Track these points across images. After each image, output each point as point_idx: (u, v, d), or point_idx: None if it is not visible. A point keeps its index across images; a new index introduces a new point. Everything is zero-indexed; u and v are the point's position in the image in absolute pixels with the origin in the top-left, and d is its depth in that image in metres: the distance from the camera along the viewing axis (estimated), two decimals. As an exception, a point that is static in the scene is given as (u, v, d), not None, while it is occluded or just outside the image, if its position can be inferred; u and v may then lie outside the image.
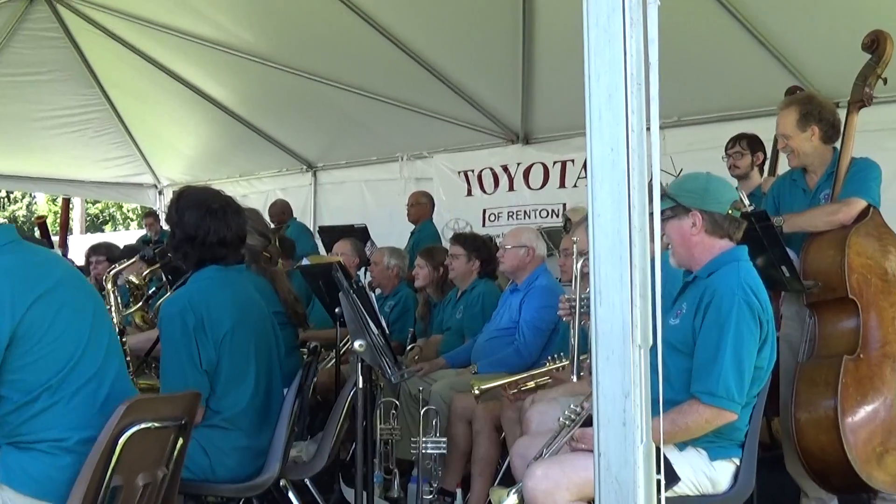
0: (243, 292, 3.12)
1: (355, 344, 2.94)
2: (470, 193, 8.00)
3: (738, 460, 2.73)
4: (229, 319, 2.93)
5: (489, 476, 3.89)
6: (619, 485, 1.38)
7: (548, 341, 4.22)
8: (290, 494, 3.34)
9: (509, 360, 4.17)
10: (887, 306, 3.36)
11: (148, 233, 9.82)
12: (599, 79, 1.40)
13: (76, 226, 20.90)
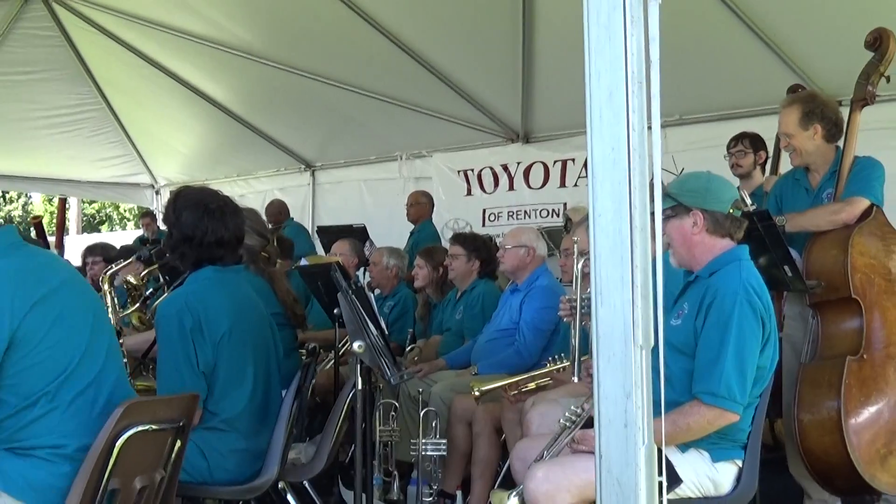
0: (241, 293, 3.11)
1: (354, 345, 2.94)
2: (470, 193, 7.97)
3: (740, 462, 2.72)
4: (227, 320, 2.92)
5: (489, 478, 3.88)
6: (620, 487, 1.36)
7: (548, 342, 4.21)
8: (288, 497, 3.34)
9: (510, 361, 4.16)
10: (891, 306, 3.34)
11: (145, 233, 9.79)
12: (600, 77, 1.39)
13: (72, 226, 20.88)
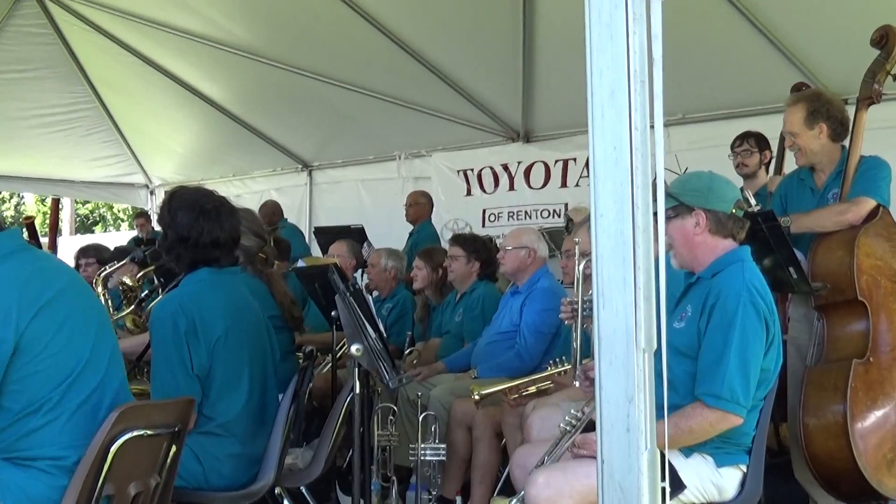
0: (237, 295, 3.09)
1: (352, 348, 2.92)
2: (469, 193, 7.93)
3: (744, 467, 2.70)
4: (222, 323, 2.90)
5: (489, 483, 3.87)
6: (622, 492, 1.34)
7: (549, 345, 4.19)
8: (285, 502, 3.33)
9: (510, 365, 4.14)
10: (897, 308, 3.31)
11: (139, 234, 9.75)
12: (602, 75, 1.37)
13: (66, 227, 20.81)
